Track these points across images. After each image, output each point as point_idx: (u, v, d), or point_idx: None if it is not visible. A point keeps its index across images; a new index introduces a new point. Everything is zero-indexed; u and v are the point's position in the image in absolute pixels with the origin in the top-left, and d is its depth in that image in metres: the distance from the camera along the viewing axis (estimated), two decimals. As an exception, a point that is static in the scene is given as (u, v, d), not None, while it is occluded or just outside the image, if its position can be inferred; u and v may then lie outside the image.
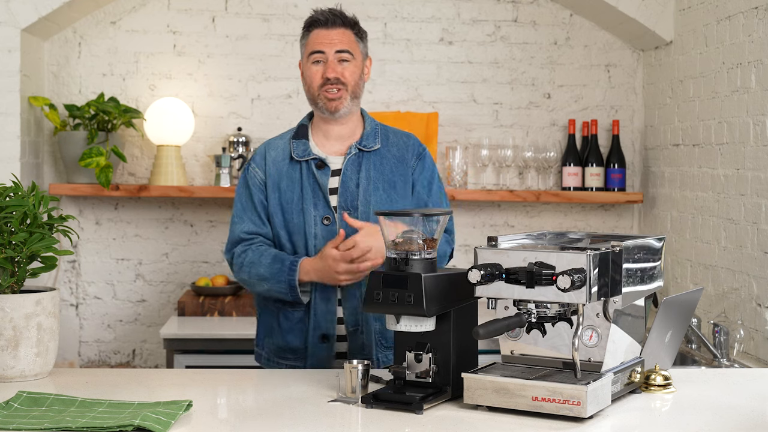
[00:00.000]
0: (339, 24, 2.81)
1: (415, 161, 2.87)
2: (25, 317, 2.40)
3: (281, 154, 2.86)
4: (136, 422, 1.94)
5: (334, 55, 2.79)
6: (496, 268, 2.12)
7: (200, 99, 4.50)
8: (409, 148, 2.88)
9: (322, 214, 2.79)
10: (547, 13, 4.59)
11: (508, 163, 4.50)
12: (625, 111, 4.63)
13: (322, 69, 2.80)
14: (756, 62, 3.44)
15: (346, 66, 2.80)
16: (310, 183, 2.81)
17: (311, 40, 2.82)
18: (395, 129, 2.94)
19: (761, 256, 3.38)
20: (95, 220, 4.48)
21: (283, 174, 2.84)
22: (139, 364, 4.51)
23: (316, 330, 2.80)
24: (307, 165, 2.83)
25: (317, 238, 2.79)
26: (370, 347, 2.80)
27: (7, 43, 4.03)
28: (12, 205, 2.40)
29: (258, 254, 2.79)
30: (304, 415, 2.13)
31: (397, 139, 2.89)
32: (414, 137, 2.93)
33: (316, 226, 2.79)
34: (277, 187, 2.83)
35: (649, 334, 2.40)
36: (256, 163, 2.88)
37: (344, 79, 2.79)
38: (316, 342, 2.80)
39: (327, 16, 2.81)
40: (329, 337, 2.79)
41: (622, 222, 4.66)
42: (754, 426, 2.10)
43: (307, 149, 2.84)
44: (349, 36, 2.82)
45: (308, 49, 2.82)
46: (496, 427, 2.06)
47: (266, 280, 2.77)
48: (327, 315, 2.79)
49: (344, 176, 2.81)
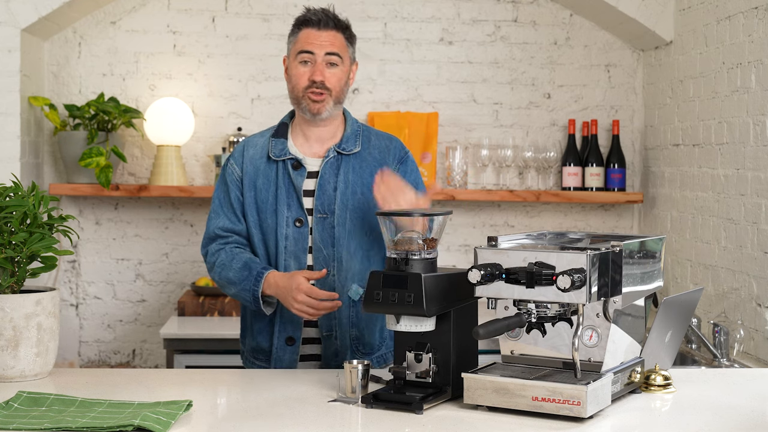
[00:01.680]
0: (331, 26, 2.77)
1: (396, 165, 2.83)
2: (25, 317, 2.40)
3: (260, 152, 2.83)
4: (136, 422, 1.94)
5: (323, 58, 2.75)
6: (496, 268, 2.12)
7: (200, 99, 4.50)
8: (390, 152, 2.84)
9: (295, 215, 2.76)
10: (547, 13, 4.59)
11: (508, 163, 4.50)
12: (625, 111, 4.63)
13: (310, 70, 2.76)
14: (756, 62, 3.44)
15: (333, 71, 2.76)
16: (285, 183, 2.77)
17: (301, 38, 2.78)
18: (379, 132, 2.90)
19: (761, 256, 3.38)
20: (95, 220, 4.48)
21: (260, 172, 2.81)
22: (139, 364, 4.51)
23: (281, 332, 2.78)
24: (283, 165, 2.79)
25: (288, 240, 2.75)
26: (344, 353, 2.78)
27: (7, 43, 4.03)
28: (12, 205, 2.40)
29: (230, 257, 2.76)
30: (304, 415, 2.13)
31: (379, 141, 2.85)
32: (397, 140, 2.88)
33: (288, 228, 2.76)
34: (253, 185, 2.80)
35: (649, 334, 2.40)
36: (234, 160, 2.85)
37: (329, 84, 2.75)
38: (282, 344, 2.78)
39: (320, 16, 2.77)
40: (295, 339, 2.78)
41: (622, 222, 4.66)
42: (754, 426, 2.10)
43: (284, 149, 2.80)
44: (340, 39, 2.78)
45: (297, 48, 2.78)
46: (496, 427, 2.06)
47: (233, 284, 2.74)
48: (293, 317, 2.76)
49: (321, 179, 2.77)
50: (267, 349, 2.82)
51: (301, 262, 2.76)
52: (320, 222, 2.75)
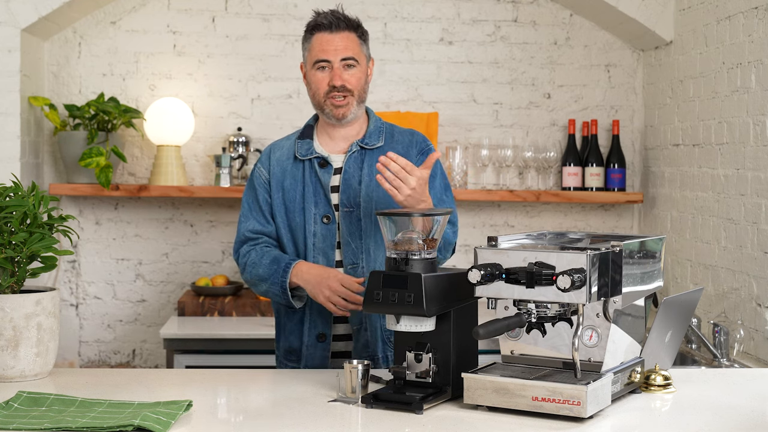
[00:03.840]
0: (343, 27, 2.77)
1: (418, 156, 2.85)
2: (25, 317, 2.40)
3: (286, 153, 2.87)
4: (136, 422, 1.94)
5: (339, 63, 2.76)
6: (496, 268, 2.12)
7: (200, 99, 4.50)
8: (413, 144, 2.86)
9: (323, 212, 2.78)
10: (547, 13, 4.59)
11: (508, 163, 4.50)
12: (625, 111, 4.63)
13: (328, 76, 2.77)
14: (756, 62, 3.44)
15: (351, 72, 2.78)
16: (312, 181, 2.81)
17: (315, 46, 2.78)
18: (402, 128, 2.92)
19: (761, 256, 3.38)
20: (95, 220, 4.48)
21: (287, 173, 2.84)
22: (139, 364, 4.51)
23: (312, 329, 2.80)
24: (309, 163, 2.82)
25: (316, 236, 2.79)
26: (374, 344, 2.79)
27: (7, 43, 4.03)
28: (12, 205, 2.40)
29: (260, 255, 2.79)
30: (304, 415, 2.13)
31: (402, 137, 2.88)
32: (419, 134, 2.91)
33: (315, 225, 2.79)
34: (280, 186, 2.84)
35: (649, 334, 2.40)
36: (261, 163, 2.90)
37: (350, 86, 2.77)
38: (313, 341, 2.80)
39: (330, 19, 2.77)
40: (326, 335, 2.79)
41: (622, 222, 4.66)
42: (754, 426, 2.10)
43: (310, 148, 2.84)
44: (353, 40, 2.79)
45: (312, 57, 2.79)
46: (496, 427, 2.06)
47: (264, 281, 2.77)
48: (324, 313, 2.78)
49: (346, 174, 2.80)
50: (298, 348, 2.83)
51: (329, 258, 2.78)
52: (347, 216, 2.77)
